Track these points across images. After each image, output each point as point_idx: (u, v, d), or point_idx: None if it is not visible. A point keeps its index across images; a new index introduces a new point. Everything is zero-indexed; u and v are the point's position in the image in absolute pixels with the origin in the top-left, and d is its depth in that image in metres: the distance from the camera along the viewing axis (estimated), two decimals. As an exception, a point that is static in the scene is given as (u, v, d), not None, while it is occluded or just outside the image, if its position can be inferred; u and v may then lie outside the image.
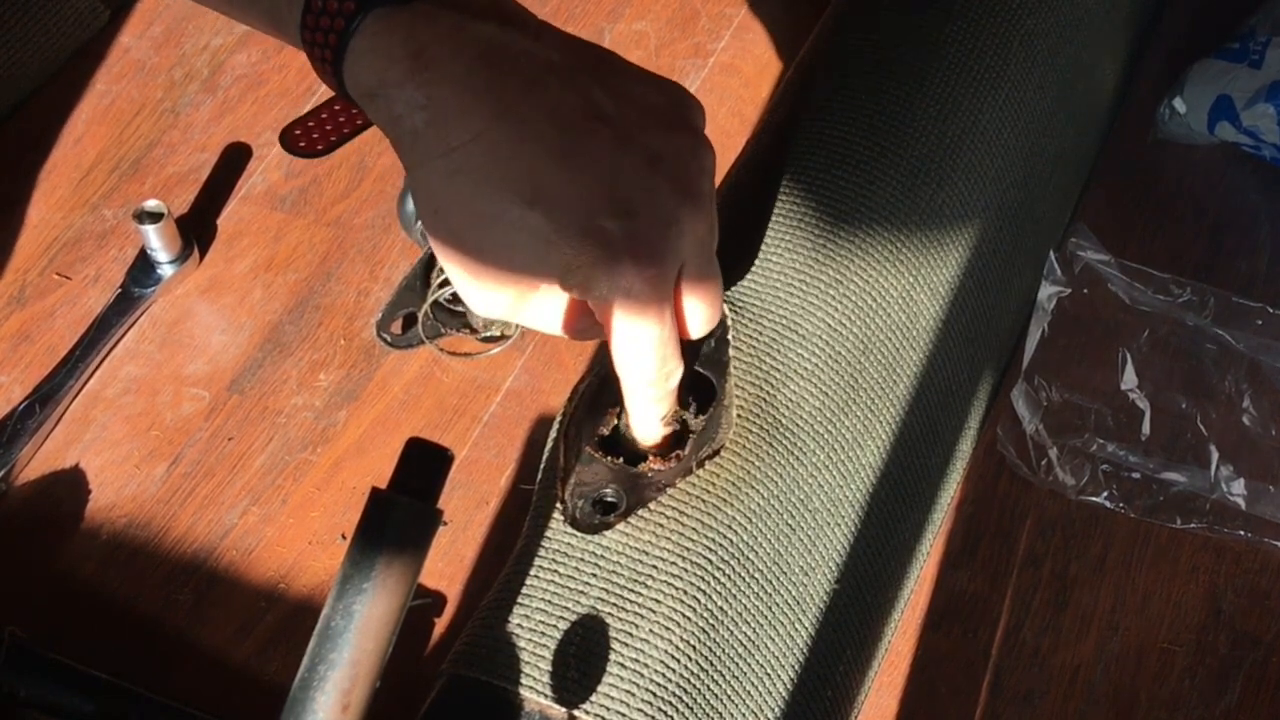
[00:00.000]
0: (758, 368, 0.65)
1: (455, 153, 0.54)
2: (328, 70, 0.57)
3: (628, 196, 0.55)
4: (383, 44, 0.55)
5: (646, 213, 0.55)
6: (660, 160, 0.56)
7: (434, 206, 0.56)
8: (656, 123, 0.57)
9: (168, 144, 1.07)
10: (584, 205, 0.54)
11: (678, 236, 0.55)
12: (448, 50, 0.55)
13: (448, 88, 0.54)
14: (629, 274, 0.54)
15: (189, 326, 0.98)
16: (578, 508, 0.61)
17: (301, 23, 0.56)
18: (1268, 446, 0.85)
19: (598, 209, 0.54)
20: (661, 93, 0.58)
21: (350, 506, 0.89)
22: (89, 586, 0.87)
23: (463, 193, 0.55)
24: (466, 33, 0.55)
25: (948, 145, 0.74)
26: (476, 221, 0.55)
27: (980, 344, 0.77)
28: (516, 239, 0.55)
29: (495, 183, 0.54)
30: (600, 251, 0.54)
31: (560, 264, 0.55)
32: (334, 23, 0.55)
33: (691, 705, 0.59)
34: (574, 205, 0.54)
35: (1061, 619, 0.81)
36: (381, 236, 1.01)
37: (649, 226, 0.55)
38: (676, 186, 0.56)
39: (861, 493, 0.66)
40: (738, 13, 1.12)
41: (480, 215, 0.55)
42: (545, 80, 0.55)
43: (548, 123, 0.54)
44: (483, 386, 0.94)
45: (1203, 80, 0.96)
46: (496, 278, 0.56)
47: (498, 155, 0.54)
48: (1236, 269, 0.93)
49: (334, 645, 0.51)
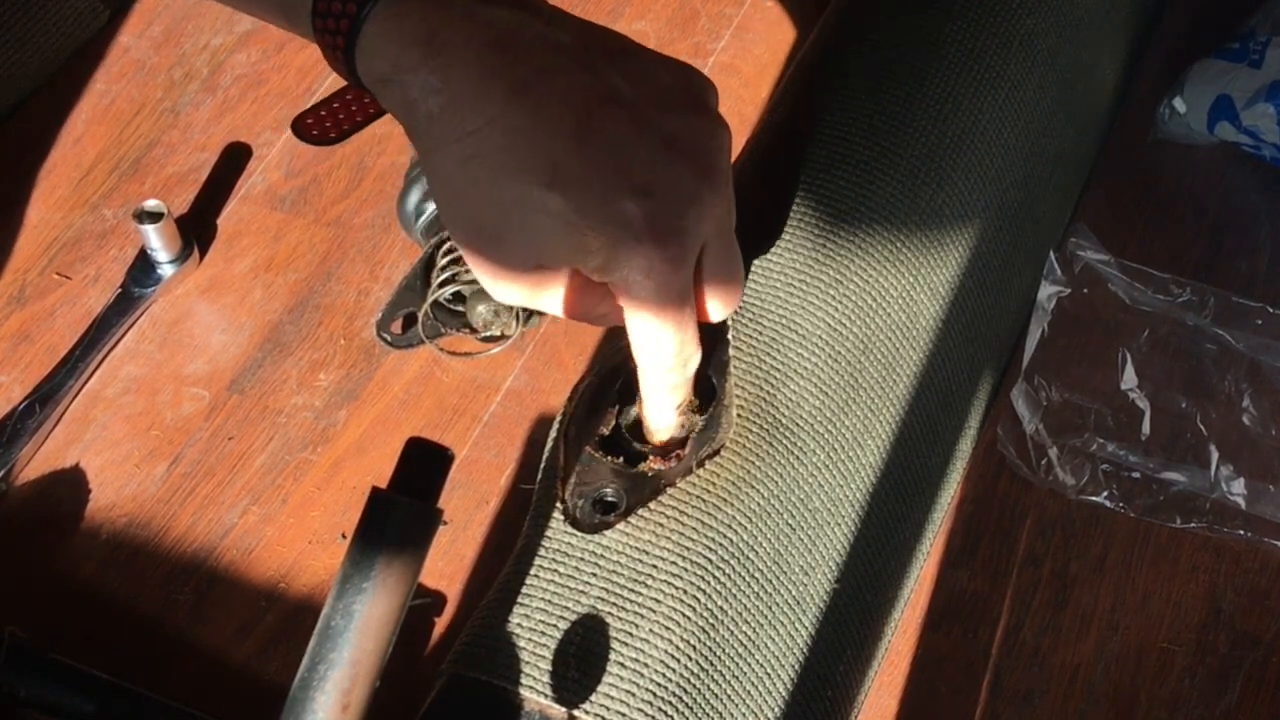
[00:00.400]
0: (758, 367, 0.65)
1: (471, 137, 0.54)
2: (339, 58, 0.57)
3: (646, 177, 0.54)
4: (395, 29, 0.55)
5: (666, 193, 0.54)
6: (677, 141, 0.55)
7: (451, 192, 0.56)
8: (672, 103, 0.56)
9: (168, 144, 1.07)
10: (603, 186, 0.54)
11: (697, 216, 0.55)
12: (461, 35, 0.54)
13: (462, 71, 0.54)
14: (650, 254, 0.54)
15: (189, 326, 0.98)
16: (578, 507, 0.61)
17: (313, 9, 0.56)
18: (1268, 446, 0.85)
19: (617, 190, 0.54)
20: (675, 74, 0.58)
21: (350, 506, 0.89)
22: (89, 586, 0.87)
23: (480, 177, 0.54)
24: (479, 17, 0.55)
25: (948, 145, 0.74)
26: (494, 206, 0.55)
27: (980, 344, 0.77)
28: (535, 222, 0.54)
29: (512, 166, 0.54)
30: (621, 232, 0.54)
31: (580, 246, 0.54)
32: (346, 8, 0.55)
33: (691, 705, 0.59)
34: (593, 186, 0.54)
35: (1061, 619, 0.81)
36: (381, 236, 1.01)
37: (668, 206, 0.54)
38: (695, 166, 0.55)
39: (861, 492, 0.66)
40: (738, 13, 1.12)
41: (498, 199, 0.54)
42: (559, 63, 0.55)
43: (563, 105, 0.54)
44: (483, 386, 0.94)
45: (1203, 80, 0.96)
46: (516, 263, 0.56)
47: (514, 138, 0.54)
48: (1236, 269, 0.93)
49: (334, 645, 0.51)
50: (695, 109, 0.57)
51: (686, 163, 0.55)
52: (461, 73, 0.54)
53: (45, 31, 1.08)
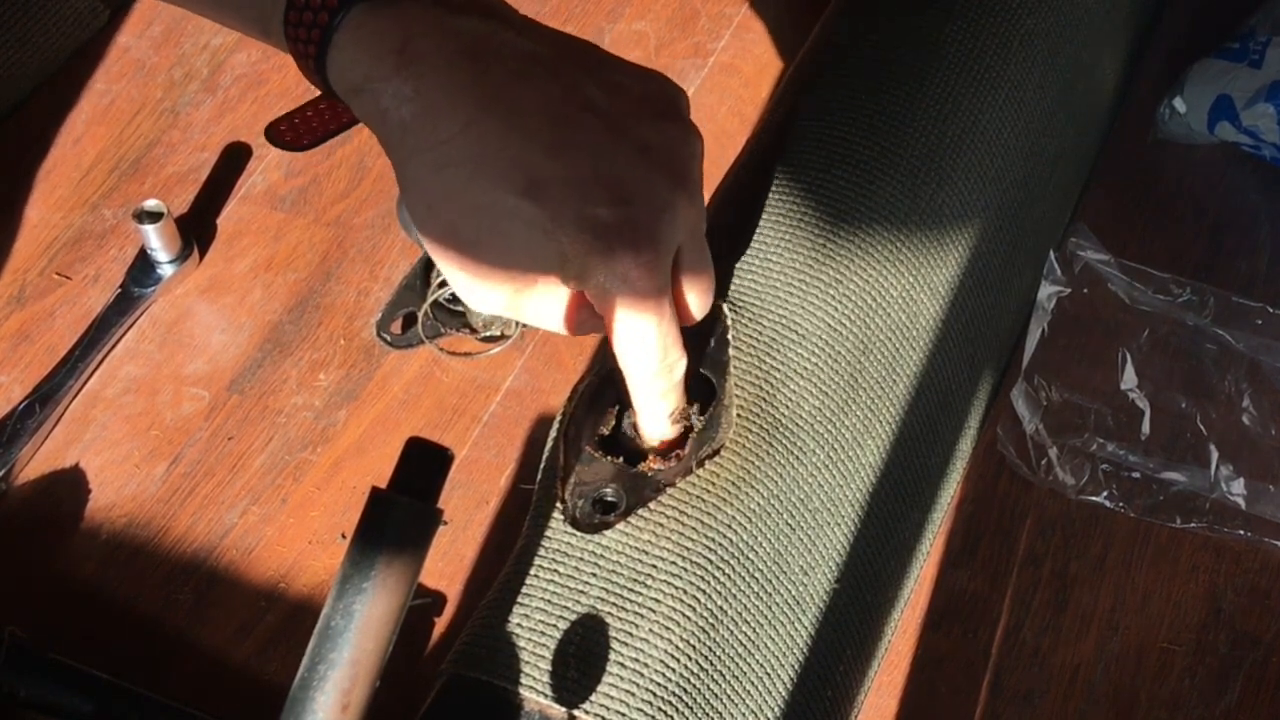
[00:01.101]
0: (758, 367, 0.65)
1: (445, 145, 0.54)
2: (311, 67, 0.57)
3: (621, 184, 0.54)
4: (367, 38, 0.55)
5: (641, 200, 0.55)
6: (651, 149, 0.56)
7: (426, 201, 0.56)
8: (646, 112, 0.57)
9: (168, 144, 1.07)
10: (578, 194, 0.54)
11: (671, 222, 0.55)
12: (433, 43, 0.54)
13: (434, 80, 0.54)
14: (626, 261, 0.54)
15: (189, 326, 0.98)
16: (578, 507, 0.61)
17: (285, 19, 0.56)
18: (1268, 446, 0.85)
19: (592, 197, 0.54)
20: (648, 83, 0.58)
21: (350, 506, 0.89)
22: (89, 586, 0.87)
23: (454, 185, 0.54)
24: (451, 26, 0.55)
25: (948, 145, 0.74)
26: (470, 214, 0.55)
27: (980, 344, 0.77)
28: (511, 230, 0.54)
29: (487, 174, 0.54)
30: (596, 239, 0.54)
31: (556, 254, 0.54)
32: (317, 18, 0.55)
33: (691, 705, 0.59)
34: (568, 194, 0.54)
35: (1061, 619, 0.81)
36: (381, 236, 1.01)
37: (644, 213, 0.55)
38: (668, 173, 0.56)
39: (861, 492, 0.66)
40: (738, 13, 1.12)
41: (473, 207, 0.54)
42: (532, 71, 0.55)
43: (537, 113, 0.54)
44: (483, 386, 0.94)
45: (1203, 80, 0.96)
46: (492, 272, 0.56)
47: (488, 146, 0.54)
48: (1236, 269, 0.93)
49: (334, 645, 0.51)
50: (668, 117, 0.57)
51: (661, 170, 0.56)
52: (434, 81, 0.54)
53: (45, 31, 1.08)
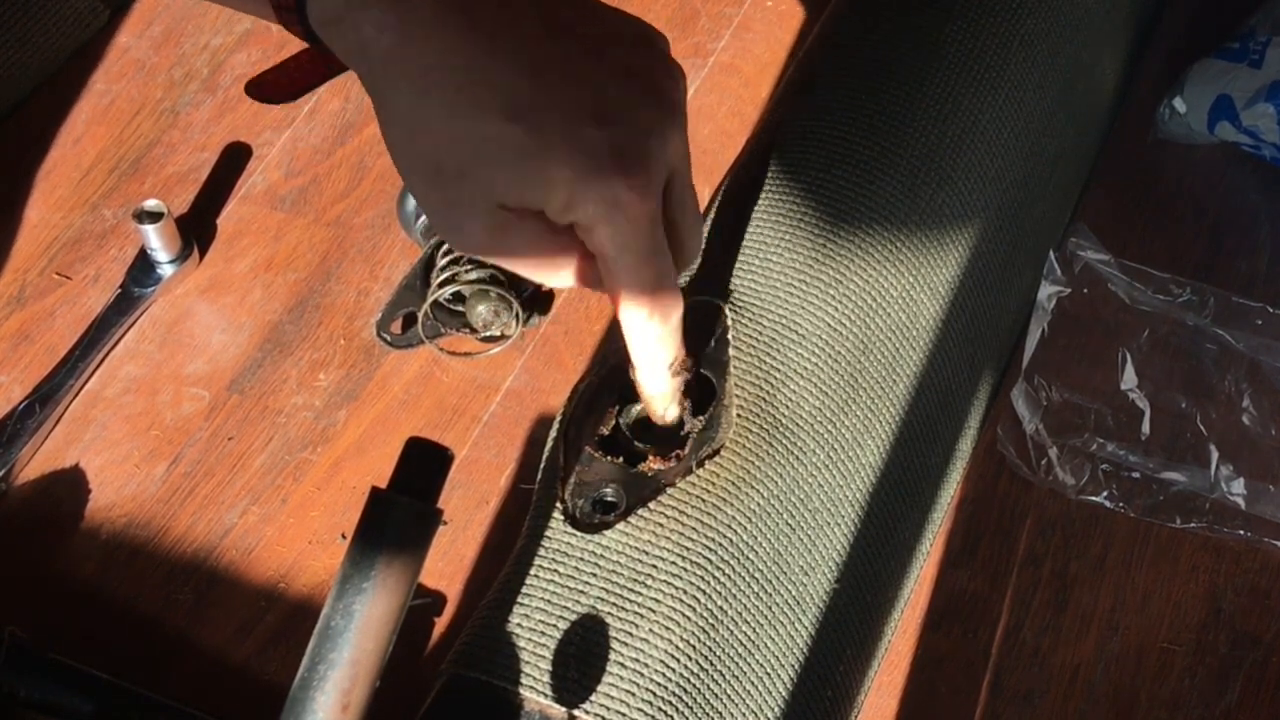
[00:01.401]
0: (758, 367, 0.65)
1: (427, 72, 0.53)
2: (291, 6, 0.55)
3: (607, 106, 0.53)
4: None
5: (628, 120, 0.53)
6: (635, 72, 0.55)
7: (405, 132, 0.54)
8: (628, 40, 0.56)
9: (168, 144, 1.07)
10: (564, 116, 0.52)
11: (662, 146, 0.54)
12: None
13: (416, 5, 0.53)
14: (617, 184, 0.52)
15: (189, 326, 0.98)
16: (578, 507, 0.61)
17: None
18: (1268, 446, 0.85)
19: (578, 118, 0.52)
20: (629, 23, 0.57)
21: (350, 506, 0.89)
22: (89, 586, 0.87)
23: (438, 113, 0.53)
24: None
25: (948, 145, 0.74)
26: (453, 143, 0.53)
27: (980, 344, 0.77)
28: (495, 157, 0.53)
29: (470, 99, 0.52)
30: (585, 161, 0.52)
31: (543, 180, 0.53)
32: None
33: (691, 705, 0.59)
34: (554, 117, 0.52)
35: (1061, 619, 0.81)
36: (381, 236, 1.01)
37: (632, 135, 0.53)
38: (655, 97, 0.55)
39: (861, 492, 0.66)
40: (738, 13, 1.12)
41: (457, 135, 0.53)
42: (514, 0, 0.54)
43: (520, 37, 0.53)
44: (483, 386, 0.94)
45: (1203, 80, 0.96)
46: (474, 204, 0.54)
47: (472, 72, 0.53)
48: (1236, 269, 0.93)
49: (334, 645, 0.51)
50: (650, 50, 0.56)
51: (647, 92, 0.54)
52: (415, 7, 0.53)
53: (45, 31, 1.08)
